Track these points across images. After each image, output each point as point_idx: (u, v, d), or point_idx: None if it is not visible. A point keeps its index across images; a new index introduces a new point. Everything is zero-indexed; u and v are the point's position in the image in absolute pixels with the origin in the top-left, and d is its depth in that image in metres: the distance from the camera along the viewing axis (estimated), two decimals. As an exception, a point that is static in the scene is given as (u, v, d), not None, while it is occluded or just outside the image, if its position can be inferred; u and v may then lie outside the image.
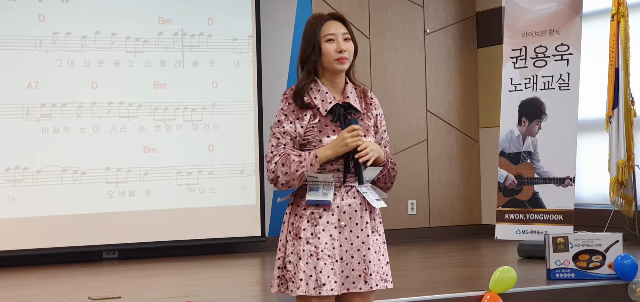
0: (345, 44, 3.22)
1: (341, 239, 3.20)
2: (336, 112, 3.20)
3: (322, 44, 3.21)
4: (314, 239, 3.16)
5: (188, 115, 7.54)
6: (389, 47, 8.37)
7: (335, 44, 3.20)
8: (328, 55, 3.20)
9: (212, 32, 7.62)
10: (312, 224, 3.17)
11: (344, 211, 3.20)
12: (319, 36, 3.21)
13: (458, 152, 8.62)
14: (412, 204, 8.43)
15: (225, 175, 7.60)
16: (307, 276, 3.14)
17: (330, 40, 3.21)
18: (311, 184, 3.19)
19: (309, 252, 3.15)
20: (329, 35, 3.21)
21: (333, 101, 3.21)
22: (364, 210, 3.24)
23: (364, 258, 3.20)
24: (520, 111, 6.59)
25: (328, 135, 3.17)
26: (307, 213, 3.19)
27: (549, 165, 6.40)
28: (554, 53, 6.50)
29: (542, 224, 6.36)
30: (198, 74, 7.56)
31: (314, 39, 3.21)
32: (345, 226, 3.20)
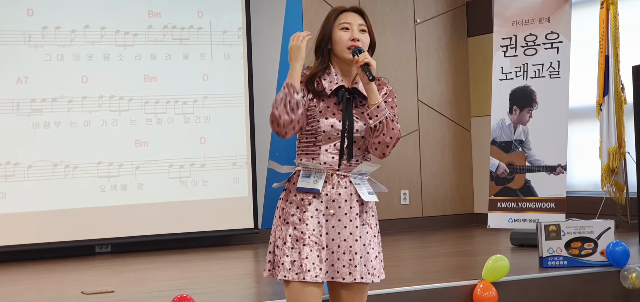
0: (360, 34, 3.23)
1: (328, 227, 3.19)
2: (340, 94, 3.21)
3: (336, 31, 3.22)
4: (301, 225, 3.17)
5: (179, 108, 7.52)
6: (379, 36, 8.34)
7: (349, 33, 3.22)
8: (341, 42, 3.21)
9: (201, 24, 7.60)
10: (300, 211, 3.18)
11: (333, 199, 3.19)
12: (333, 24, 3.23)
13: (450, 141, 8.63)
14: (405, 194, 8.44)
15: (218, 167, 7.59)
16: (291, 261, 3.15)
17: (344, 29, 3.22)
18: (304, 171, 3.20)
19: (295, 237, 3.16)
20: (344, 24, 3.23)
21: (339, 83, 3.22)
22: (354, 201, 3.22)
23: (350, 249, 3.19)
24: (511, 100, 6.61)
25: (327, 117, 3.18)
26: (297, 199, 3.20)
27: (541, 153, 6.42)
28: (544, 41, 6.52)
29: (534, 212, 6.38)
30: (188, 66, 7.55)
31: (329, 26, 3.24)
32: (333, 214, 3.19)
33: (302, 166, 3.21)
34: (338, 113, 3.19)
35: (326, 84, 3.21)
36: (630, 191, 6.95)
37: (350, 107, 3.20)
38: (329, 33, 3.24)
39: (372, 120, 3.16)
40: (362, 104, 3.23)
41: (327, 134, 3.19)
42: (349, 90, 3.23)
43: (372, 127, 3.17)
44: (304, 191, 3.18)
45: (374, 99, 3.16)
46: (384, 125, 3.17)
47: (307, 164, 3.19)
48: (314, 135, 3.20)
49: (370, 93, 3.17)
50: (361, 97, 3.24)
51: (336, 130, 3.18)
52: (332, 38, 3.23)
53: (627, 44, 7.04)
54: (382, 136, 3.18)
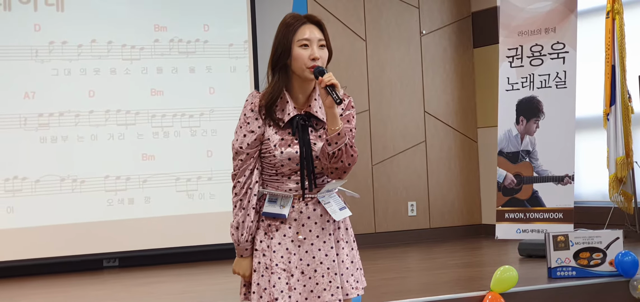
0: (319, 51, 3.06)
1: (301, 252, 3.09)
2: (294, 123, 3.06)
3: (295, 48, 3.05)
4: (268, 252, 3.07)
5: (186, 121, 7.53)
6: (385, 48, 8.37)
7: (309, 50, 3.04)
8: (300, 60, 3.04)
9: (207, 38, 7.61)
10: (268, 237, 3.08)
11: (302, 223, 3.09)
12: (292, 40, 3.05)
13: (457, 152, 8.62)
14: (412, 205, 8.42)
15: (225, 180, 7.59)
16: (262, 289, 3.06)
17: (304, 46, 3.05)
18: (270, 195, 3.09)
19: (264, 265, 3.07)
20: (303, 40, 3.05)
21: (292, 112, 3.06)
22: (325, 221, 3.11)
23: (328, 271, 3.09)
24: (518, 110, 6.59)
25: (282, 149, 3.04)
26: (265, 225, 3.10)
27: (548, 163, 6.40)
28: (550, 51, 6.50)
29: (542, 222, 6.35)
30: (195, 80, 7.56)
31: (287, 42, 3.06)
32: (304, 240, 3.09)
33: (268, 192, 3.09)
34: (294, 142, 3.05)
35: (279, 113, 3.05)
36: (639, 200, 6.92)
37: (306, 135, 3.05)
38: (288, 48, 3.05)
39: (331, 147, 2.99)
40: (317, 127, 3.08)
41: (286, 166, 3.05)
42: (303, 117, 3.07)
43: (330, 153, 3.00)
44: (270, 216, 3.07)
45: (334, 125, 2.98)
46: (343, 152, 3.01)
47: (272, 191, 3.08)
48: (273, 167, 3.07)
49: (332, 118, 2.98)
50: (316, 120, 3.08)
51: (295, 161, 3.05)
52: (291, 54, 3.05)
53: (633, 54, 7.03)
54: (340, 163, 3.01)
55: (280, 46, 3.07)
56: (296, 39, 3.06)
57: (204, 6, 7.61)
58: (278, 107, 3.06)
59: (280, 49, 3.07)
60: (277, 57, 3.07)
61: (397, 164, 8.33)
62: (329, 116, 2.99)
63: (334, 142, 2.99)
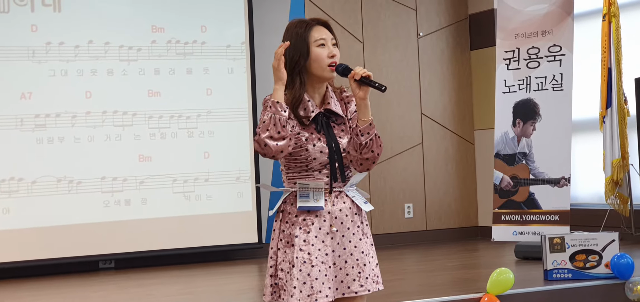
0: (334, 49, 3.16)
1: (334, 244, 3.17)
2: (319, 121, 3.15)
3: (313, 48, 3.12)
4: (307, 246, 3.13)
5: (183, 122, 7.54)
6: (383, 50, 8.39)
7: (327, 49, 3.13)
8: (320, 60, 3.12)
9: (205, 39, 7.63)
10: (304, 231, 3.14)
11: (335, 216, 3.18)
12: (309, 41, 3.13)
13: (453, 154, 8.63)
14: (409, 207, 8.44)
15: (221, 182, 7.60)
16: (301, 283, 3.11)
17: (321, 45, 3.13)
18: (301, 191, 3.15)
19: (303, 260, 3.12)
20: (320, 40, 3.13)
21: (315, 110, 3.15)
22: (354, 214, 3.22)
23: (358, 262, 3.18)
24: (515, 112, 6.61)
25: (314, 143, 3.13)
26: (299, 220, 3.15)
27: (544, 165, 6.42)
28: (547, 54, 6.52)
29: (539, 224, 6.37)
30: (192, 81, 7.57)
31: (303, 43, 3.12)
32: (337, 231, 3.18)
33: (300, 186, 3.15)
34: (322, 138, 3.14)
35: (302, 113, 3.14)
36: (634, 203, 6.94)
37: (331, 130, 3.15)
38: (306, 51, 3.12)
39: (363, 137, 3.11)
40: (338, 123, 3.19)
41: (317, 160, 3.14)
42: (325, 114, 3.16)
43: (363, 144, 3.12)
44: (306, 209, 3.14)
45: (367, 116, 3.12)
46: (373, 142, 3.13)
47: (306, 183, 3.15)
48: (304, 163, 3.15)
49: (365, 109, 3.11)
50: (336, 116, 3.19)
51: (325, 154, 3.14)
52: (310, 56, 3.12)
53: (629, 56, 7.05)
54: (370, 153, 3.14)
55: (296, 49, 3.12)
56: (312, 40, 3.14)
57: (202, 7, 7.62)
58: (300, 108, 3.14)
59: (297, 52, 3.12)
60: (295, 60, 3.12)
61: (394, 166, 8.35)
62: (362, 107, 3.11)
63: (366, 133, 3.12)
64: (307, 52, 3.12)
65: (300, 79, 3.13)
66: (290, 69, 3.13)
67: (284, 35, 3.18)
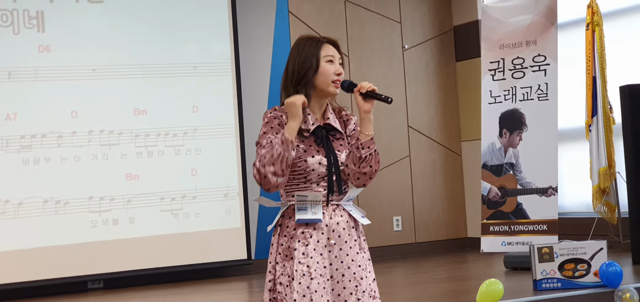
0: (340, 68, 3.23)
1: (331, 257, 3.19)
2: (319, 134, 3.20)
3: (322, 63, 3.20)
4: (306, 259, 3.14)
5: (170, 140, 7.53)
6: (368, 63, 8.40)
7: (334, 66, 3.21)
8: (326, 75, 3.19)
9: (190, 56, 7.62)
10: (303, 244, 3.15)
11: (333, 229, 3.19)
12: (320, 55, 3.21)
13: (441, 166, 8.65)
14: (397, 220, 8.44)
15: (209, 199, 7.59)
16: (301, 296, 3.12)
17: (330, 61, 3.21)
18: (299, 203, 3.18)
19: (302, 272, 3.13)
20: (329, 56, 3.21)
21: (315, 123, 3.20)
22: (351, 227, 3.23)
23: (355, 275, 3.20)
24: (501, 123, 6.63)
25: (313, 155, 3.17)
26: (298, 233, 3.17)
27: (532, 175, 6.44)
28: (532, 64, 6.54)
29: (527, 235, 6.38)
30: (178, 98, 7.56)
31: (314, 57, 3.20)
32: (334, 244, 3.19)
33: (298, 198, 3.18)
34: (320, 150, 3.19)
35: (302, 125, 3.19)
36: (622, 210, 6.96)
37: (330, 143, 3.21)
38: (316, 65, 3.20)
39: (364, 150, 3.17)
40: (336, 138, 3.24)
41: (316, 171, 3.18)
42: (324, 128, 3.22)
43: (363, 157, 3.17)
44: (304, 222, 3.16)
45: (369, 130, 3.18)
46: (373, 157, 3.19)
47: (305, 195, 3.17)
48: (303, 175, 3.18)
49: (368, 123, 3.18)
50: (335, 131, 3.24)
51: (324, 166, 3.18)
52: (319, 70, 3.20)
53: (613, 65, 7.09)
54: (368, 167, 3.18)
55: (307, 62, 3.20)
56: (322, 55, 3.22)
57: (187, 24, 7.62)
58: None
59: (307, 64, 3.20)
60: (304, 73, 3.20)
61: (382, 179, 8.35)
62: (365, 121, 3.19)
63: (367, 147, 3.18)
64: (317, 66, 3.20)
65: (306, 92, 3.20)
66: (297, 80, 3.21)
67: (294, 48, 3.25)
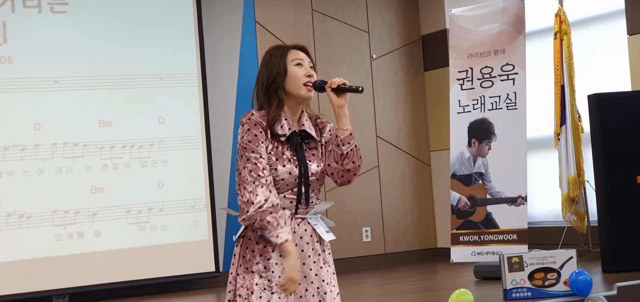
0: (311, 70, 3.21)
1: None
2: (293, 140, 3.16)
3: (290, 67, 3.17)
4: (267, 273, 3.10)
5: (135, 152, 7.46)
6: (336, 73, 8.36)
7: (303, 69, 3.18)
8: (296, 78, 3.16)
9: (156, 67, 7.56)
10: (264, 258, 3.11)
11: (295, 243, 3.14)
12: (287, 60, 3.18)
13: (410, 176, 8.65)
14: (366, 231, 8.43)
15: (176, 211, 7.53)
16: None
17: (298, 64, 3.18)
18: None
19: (262, 286, 3.09)
20: (297, 60, 3.19)
21: (291, 128, 3.17)
22: (315, 242, 3.19)
23: (319, 290, 3.16)
24: (470, 132, 6.64)
25: (284, 164, 3.12)
26: (260, 247, 3.13)
27: (501, 185, 6.44)
28: (500, 73, 6.56)
29: (497, 244, 6.38)
30: (144, 110, 7.49)
31: (281, 62, 3.17)
32: (297, 258, 3.11)
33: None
34: (292, 159, 3.15)
35: (278, 129, 3.15)
36: (591, 219, 7.00)
37: (302, 153, 3.17)
38: (283, 70, 3.17)
39: (345, 147, 3.17)
40: (310, 147, 3.21)
41: (285, 181, 3.13)
42: (299, 134, 3.19)
43: (345, 153, 3.16)
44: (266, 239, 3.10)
45: (346, 124, 3.19)
46: (354, 152, 3.18)
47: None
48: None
49: (344, 118, 3.19)
50: (309, 138, 3.21)
51: (294, 176, 3.13)
52: (287, 74, 3.17)
53: (581, 73, 7.13)
54: (351, 163, 3.17)
55: (275, 69, 3.18)
56: (290, 59, 3.19)
57: (152, 35, 7.56)
58: (277, 125, 3.17)
59: (275, 71, 3.17)
60: (272, 80, 3.17)
61: (350, 190, 8.32)
62: (341, 116, 3.18)
63: (347, 142, 3.17)
64: (285, 70, 3.17)
65: (278, 98, 3.16)
66: (267, 87, 3.17)
67: (263, 60, 3.22)
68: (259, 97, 3.19)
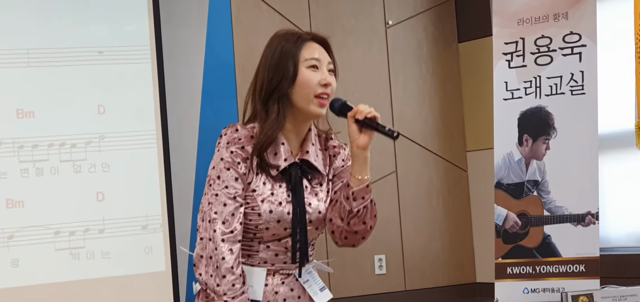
0: (330, 76, 3.18)
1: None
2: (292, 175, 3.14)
3: (302, 69, 3.14)
4: None
5: (66, 153, 7.43)
6: (339, 46, 8.33)
7: (318, 74, 3.15)
8: (308, 86, 3.13)
9: (95, 38, 7.54)
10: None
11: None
12: (299, 58, 3.13)
13: (440, 186, 8.65)
14: (380, 260, 8.43)
15: (122, 233, 7.53)
16: None
17: (313, 67, 3.15)
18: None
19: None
20: (312, 60, 3.16)
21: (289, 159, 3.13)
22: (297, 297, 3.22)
23: None
24: (521, 126, 6.67)
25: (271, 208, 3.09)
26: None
27: (563, 197, 6.47)
28: (562, 45, 6.57)
29: (558, 278, 6.40)
30: (78, 96, 7.47)
31: (290, 60, 3.13)
32: None
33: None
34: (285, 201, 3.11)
35: (271, 158, 3.10)
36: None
37: (301, 191, 3.13)
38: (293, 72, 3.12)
39: (356, 202, 3.10)
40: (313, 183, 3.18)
41: (271, 230, 3.11)
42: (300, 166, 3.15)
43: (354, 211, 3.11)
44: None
45: (364, 173, 3.12)
46: (368, 210, 3.13)
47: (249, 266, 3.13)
48: (252, 231, 3.12)
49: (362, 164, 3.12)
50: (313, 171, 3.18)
51: (284, 224, 3.10)
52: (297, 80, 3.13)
53: (672, 46, 7.11)
54: (361, 225, 3.13)
55: (281, 68, 3.12)
56: (303, 58, 3.15)
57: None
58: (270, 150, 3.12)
59: (281, 71, 3.12)
60: (276, 83, 3.12)
61: (358, 204, 8.31)
62: (360, 161, 3.12)
63: (360, 197, 3.11)
64: (294, 73, 3.12)
65: (279, 110, 3.12)
66: (267, 93, 3.13)
67: (266, 48, 3.18)
68: (254, 104, 3.17)
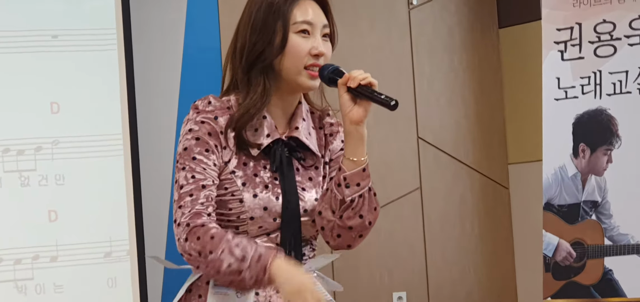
0: (323, 44, 3.23)
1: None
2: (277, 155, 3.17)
3: (291, 34, 3.19)
4: None
5: (11, 161, 7.45)
6: (352, 33, 8.35)
7: (310, 41, 3.20)
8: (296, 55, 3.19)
9: (47, 19, 7.55)
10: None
11: None
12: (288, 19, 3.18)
13: (475, 205, 8.66)
14: (400, 298, 8.43)
15: (80, 261, 7.56)
16: None
17: (303, 33, 3.20)
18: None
19: None
20: (303, 25, 3.21)
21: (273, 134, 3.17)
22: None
23: None
24: (576, 133, 6.69)
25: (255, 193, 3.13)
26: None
27: (629, 223, 6.48)
28: (629, 32, 6.59)
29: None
30: (25, 91, 7.46)
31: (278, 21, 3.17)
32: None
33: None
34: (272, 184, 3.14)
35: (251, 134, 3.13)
36: None
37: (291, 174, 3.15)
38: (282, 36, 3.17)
39: (349, 189, 3.14)
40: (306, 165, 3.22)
41: (257, 221, 3.14)
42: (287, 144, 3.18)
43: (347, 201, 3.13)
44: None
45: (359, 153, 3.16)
46: (365, 200, 3.17)
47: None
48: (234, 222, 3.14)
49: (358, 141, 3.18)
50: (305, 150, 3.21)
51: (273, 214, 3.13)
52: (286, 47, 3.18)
53: None
54: (357, 219, 3.19)
55: (266, 31, 3.17)
56: (293, 19, 3.20)
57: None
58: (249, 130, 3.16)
59: (266, 35, 3.17)
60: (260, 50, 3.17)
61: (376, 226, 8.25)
62: (354, 138, 3.19)
63: (354, 183, 3.15)
64: (284, 40, 3.17)
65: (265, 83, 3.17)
66: (248, 61, 3.18)
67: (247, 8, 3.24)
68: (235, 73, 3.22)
